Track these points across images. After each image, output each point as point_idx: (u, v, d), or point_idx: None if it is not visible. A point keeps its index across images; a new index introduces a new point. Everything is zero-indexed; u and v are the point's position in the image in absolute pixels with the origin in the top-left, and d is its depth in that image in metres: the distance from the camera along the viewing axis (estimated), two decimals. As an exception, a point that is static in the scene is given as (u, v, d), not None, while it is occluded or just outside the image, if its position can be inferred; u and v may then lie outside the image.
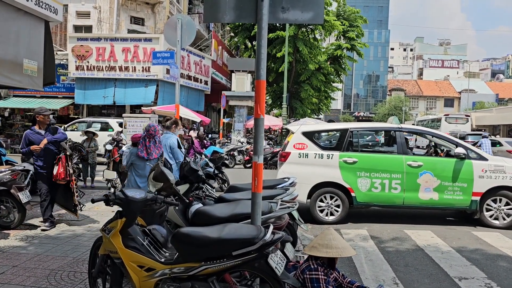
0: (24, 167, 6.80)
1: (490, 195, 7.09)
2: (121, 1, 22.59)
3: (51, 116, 6.38)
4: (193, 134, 15.37)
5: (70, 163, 6.14)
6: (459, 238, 6.48)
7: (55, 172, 6.03)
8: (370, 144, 16.88)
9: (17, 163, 7.76)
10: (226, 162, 15.11)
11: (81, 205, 6.58)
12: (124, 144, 9.93)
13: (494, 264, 5.28)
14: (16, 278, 4.22)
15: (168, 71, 16.82)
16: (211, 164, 8.80)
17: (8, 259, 4.84)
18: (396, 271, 4.93)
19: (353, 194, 7.20)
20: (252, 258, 2.87)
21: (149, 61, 19.19)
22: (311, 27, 27.42)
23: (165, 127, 6.61)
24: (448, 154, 7.81)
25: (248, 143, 18.21)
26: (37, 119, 6.18)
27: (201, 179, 4.81)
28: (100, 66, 20.06)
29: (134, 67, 19.96)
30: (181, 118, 10.86)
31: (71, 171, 6.14)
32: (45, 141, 6.09)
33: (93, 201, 3.33)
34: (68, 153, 6.12)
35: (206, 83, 24.64)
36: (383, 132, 17.59)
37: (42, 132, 6.21)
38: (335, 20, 27.80)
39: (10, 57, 4.43)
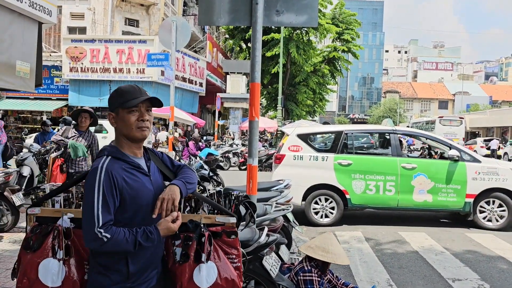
0: (19, 170, 6.69)
1: (483, 197, 7.13)
2: (115, 2, 22.53)
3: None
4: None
5: None
6: (453, 239, 6.52)
7: None
8: (364, 146, 16.93)
9: (10, 166, 7.67)
10: (221, 164, 15.07)
11: None
12: None
13: (488, 265, 5.31)
14: (10, 281, 4.19)
15: (162, 73, 16.78)
16: (205, 167, 8.79)
17: (2, 262, 4.80)
18: (391, 272, 4.96)
19: (347, 196, 7.22)
20: (247, 260, 2.87)
21: (143, 62, 19.12)
22: (305, 29, 27.54)
23: None
24: (442, 156, 7.87)
25: (242, 145, 18.22)
26: None
27: (196, 182, 4.80)
28: (94, 67, 19.98)
29: (129, 68, 19.90)
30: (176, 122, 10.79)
31: None
32: None
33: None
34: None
35: (201, 85, 24.61)
36: (376, 134, 17.66)
37: None
38: (329, 23, 27.96)
39: (4, 59, 4.41)
